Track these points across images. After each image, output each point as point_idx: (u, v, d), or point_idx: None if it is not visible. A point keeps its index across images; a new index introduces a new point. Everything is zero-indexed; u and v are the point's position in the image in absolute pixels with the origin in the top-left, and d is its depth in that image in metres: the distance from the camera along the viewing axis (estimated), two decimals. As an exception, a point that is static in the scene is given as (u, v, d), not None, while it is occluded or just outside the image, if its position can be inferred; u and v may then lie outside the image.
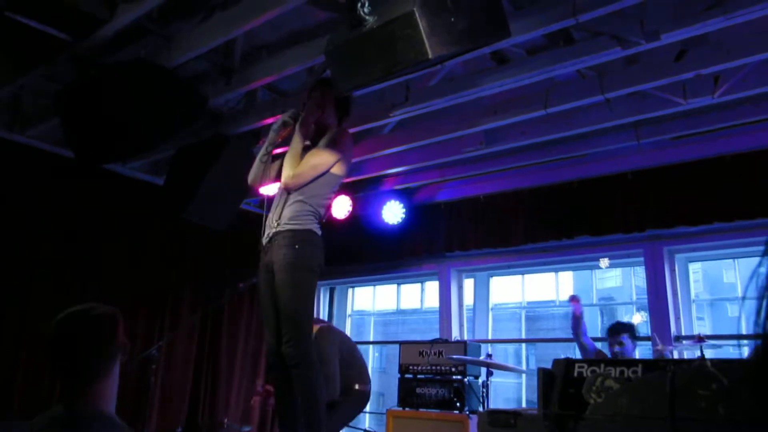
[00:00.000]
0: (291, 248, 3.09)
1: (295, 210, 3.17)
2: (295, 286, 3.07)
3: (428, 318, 12.52)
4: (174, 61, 3.98)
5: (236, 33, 3.76)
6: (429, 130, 5.06)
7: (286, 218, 3.17)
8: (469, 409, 4.84)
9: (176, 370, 5.97)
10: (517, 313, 13.01)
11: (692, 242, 5.40)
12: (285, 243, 3.11)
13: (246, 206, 6.40)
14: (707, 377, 1.73)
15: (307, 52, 3.91)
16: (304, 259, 3.10)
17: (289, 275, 3.07)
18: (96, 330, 1.78)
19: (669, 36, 3.41)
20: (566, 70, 3.94)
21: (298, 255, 3.09)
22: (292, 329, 3.03)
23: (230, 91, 4.44)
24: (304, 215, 3.18)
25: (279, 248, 3.12)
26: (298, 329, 3.05)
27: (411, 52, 2.50)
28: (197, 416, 6.02)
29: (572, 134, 4.93)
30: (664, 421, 1.78)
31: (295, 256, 3.08)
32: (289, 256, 3.08)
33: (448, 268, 6.71)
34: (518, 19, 3.38)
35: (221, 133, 4.89)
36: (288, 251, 3.09)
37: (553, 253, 6.12)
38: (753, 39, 3.57)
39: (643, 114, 4.50)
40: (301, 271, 3.10)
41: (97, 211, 5.47)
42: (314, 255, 3.15)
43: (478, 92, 4.18)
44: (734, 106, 4.44)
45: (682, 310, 5.38)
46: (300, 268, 3.09)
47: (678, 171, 5.16)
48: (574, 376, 2.08)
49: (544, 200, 5.86)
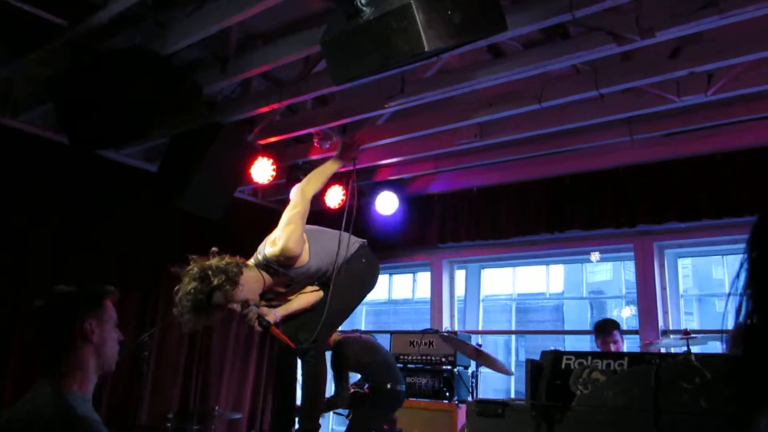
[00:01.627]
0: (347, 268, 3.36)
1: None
2: (341, 296, 3.29)
3: (419, 308, 12.59)
4: (168, 49, 3.96)
5: (231, 21, 3.75)
6: (424, 121, 5.07)
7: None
8: (458, 398, 4.90)
9: (168, 357, 5.98)
10: (508, 304, 13.11)
11: (681, 238, 5.45)
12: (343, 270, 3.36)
13: (240, 194, 6.40)
14: (691, 371, 1.77)
15: (303, 42, 3.91)
16: (355, 276, 3.39)
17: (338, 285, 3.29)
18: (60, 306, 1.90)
19: (664, 33, 3.43)
20: (561, 64, 3.96)
21: (352, 273, 3.37)
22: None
23: (225, 79, 4.43)
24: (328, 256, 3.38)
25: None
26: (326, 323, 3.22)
27: (407, 45, 2.51)
28: (188, 403, 6.05)
29: (566, 129, 4.95)
30: (649, 413, 1.82)
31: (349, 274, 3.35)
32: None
33: (440, 259, 6.75)
34: (515, 12, 3.38)
35: (216, 122, 4.88)
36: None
37: (544, 247, 6.17)
38: (746, 39, 3.60)
39: (637, 110, 4.53)
40: (351, 284, 3.37)
41: (90, 197, 5.45)
42: (366, 271, 3.52)
43: (473, 85, 4.19)
44: (726, 104, 4.47)
45: (670, 304, 5.44)
46: (351, 281, 3.37)
47: (669, 167, 5.20)
48: (562, 368, 2.11)
49: (536, 194, 5.89)
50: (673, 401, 1.80)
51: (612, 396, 1.91)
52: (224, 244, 6.31)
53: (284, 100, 4.55)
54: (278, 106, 4.67)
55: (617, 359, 2.03)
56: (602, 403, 1.93)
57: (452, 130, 5.19)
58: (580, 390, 2.00)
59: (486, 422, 2.14)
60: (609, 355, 2.10)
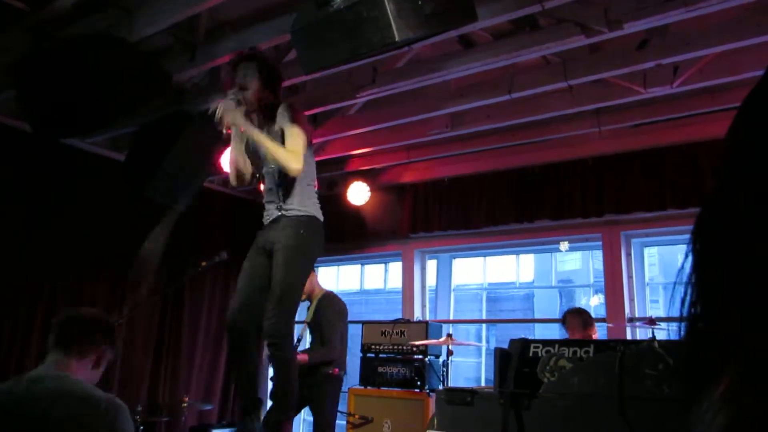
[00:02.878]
0: (296, 232, 3.19)
1: (300, 194, 3.25)
2: (293, 269, 3.17)
3: (391, 298, 12.62)
4: (135, 35, 3.89)
5: (201, 8, 3.69)
6: (395, 111, 5.07)
7: (293, 203, 3.24)
8: (429, 387, 4.93)
9: (136, 349, 5.91)
10: (479, 294, 13.23)
11: (648, 227, 5.55)
12: (291, 225, 3.20)
13: (209, 184, 6.34)
14: (654, 357, 1.81)
15: (273, 30, 3.87)
16: (305, 245, 3.23)
17: (289, 257, 3.15)
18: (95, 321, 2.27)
19: (631, 25, 3.48)
20: (531, 55, 3.99)
21: (302, 240, 3.20)
22: (278, 307, 3.10)
23: (194, 66, 4.37)
24: (309, 200, 3.29)
25: (283, 229, 3.21)
26: (284, 308, 3.13)
27: (378, 35, 2.51)
28: (158, 395, 5.99)
29: (536, 119, 5.00)
30: (613, 399, 1.86)
31: (299, 240, 3.18)
32: (292, 238, 3.17)
33: (411, 249, 6.77)
34: (486, 4, 3.39)
35: (184, 110, 4.81)
36: (293, 234, 3.18)
37: (514, 236, 6.22)
38: (711, 31, 3.67)
39: (605, 101, 4.60)
40: (301, 255, 3.21)
41: (54, 188, 5.33)
42: (315, 242, 3.30)
43: (444, 75, 4.20)
44: (692, 96, 4.56)
45: (636, 292, 5.54)
46: (301, 252, 3.21)
47: (636, 158, 5.28)
48: (530, 356, 2.14)
49: (506, 184, 5.94)
50: (637, 387, 1.84)
51: (578, 383, 1.95)
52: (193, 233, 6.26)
53: (254, 88, 4.50)
54: (248, 94, 4.61)
55: (583, 347, 2.07)
56: (568, 390, 1.96)
57: (424, 121, 5.20)
58: (547, 377, 2.03)
59: (455, 410, 2.17)
60: (575, 343, 2.14)
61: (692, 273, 0.37)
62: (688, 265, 0.37)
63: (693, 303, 0.36)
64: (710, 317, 0.35)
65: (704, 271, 0.36)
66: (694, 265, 0.37)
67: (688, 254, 0.38)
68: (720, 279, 0.35)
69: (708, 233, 0.37)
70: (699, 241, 0.37)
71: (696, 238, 0.37)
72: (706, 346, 0.35)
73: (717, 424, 0.31)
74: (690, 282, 0.37)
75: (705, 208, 0.37)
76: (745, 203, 0.35)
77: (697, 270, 0.36)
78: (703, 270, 0.36)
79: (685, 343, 0.37)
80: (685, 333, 0.37)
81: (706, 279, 0.36)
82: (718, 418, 0.31)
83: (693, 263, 0.37)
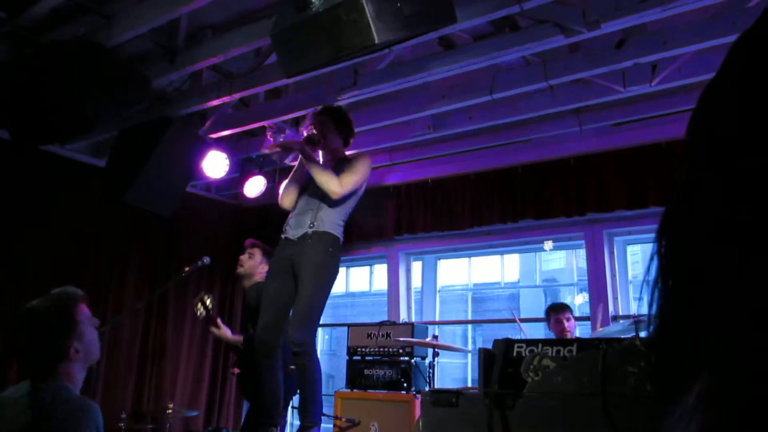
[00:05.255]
0: (325, 250, 3.43)
1: (332, 217, 3.51)
2: (320, 284, 3.42)
3: (377, 300, 12.62)
4: (114, 40, 3.86)
5: (180, 12, 3.67)
6: (378, 113, 5.07)
7: (324, 222, 3.47)
8: (415, 389, 4.93)
9: (120, 356, 5.85)
10: (464, 295, 13.26)
11: (630, 225, 5.59)
12: (321, 242, 3.44)
13: (192, 189, 6.29)
14: (637, 355, 1.82)
15: (253, 34, 3.85)
16: (332, 263, 3.48)
17: (318, 274, 3.40)
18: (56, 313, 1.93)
19: (609, 25, 3.51)
20: (511, 56, 4.01)
21: (330, 258, 3.45)
22: (306, 320, 3.36)
23: (174, 71, 4.34)
24: (339, 224, 3.54)
25: (312, 246, 3.42)
26: (311, 321, 3.41)
27: (357, 37, 2.51)
28: (142, 402, 5.94)
29: (517, 120, 5.03)
30: (597, 397, 1.87)
31: (327, 257, 3.43)
32: (321, 256, 3.41)
33: (396, 251, 6.77)
34: (465, 5, 3.41)
35: (165, 115, 4.78)
36: (322, 250, 3.42)
37: (498, 236, 6.25)
38: (688, 30, 3.71)
39: (585, 101, 4.63)
40: (328, 272, 3.46)
41: (34, 195, 5.27)
42: (337, 262, 3.55)
43: (425, 77, 4.21)
44: (670, 94, 4.61)
45: (620, 290, 5.59)
46: (328, 270, 3.46)
47: (617, 157, 5.32)
48: (513, 356, 2.15)
49: (489, 184, 5.96)
50: (619, 385, 1.85)
51: (561, 382, 1.96)
52: (177, 239, 6.22)
53: (235, 92, 4.49)
54: (229, 99, 4.60)
55: (566, 346, 2.08)
56: (552, 389, 1.97)
57: (406, 122, 5.21)
58: (531, 377, 2.04)
59: (440, 412, 2.17)
60: (559, 342, 2.15)
61: (658, 273, 0.37)
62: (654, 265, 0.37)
63: (660, 304, 0.36)
64: (677, 318, 0.35)
65: (670, 271, 0.36)
66: (659, 265, 0.37)
67: (654, 254, 0.38)
68: (686, 278, 0.35)
69: (673, 232, 0.37)
70: (664, 240, 0.37)
71: (661, 237, 0.37)
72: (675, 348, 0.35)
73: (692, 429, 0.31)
74: (656, 282, 0.37)
75: (669, 207, 0.37)
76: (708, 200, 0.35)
77: (663, 270, 0.36)
78: (668, 269, 0.36)
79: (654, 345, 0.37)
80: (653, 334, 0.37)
81: (672, 279, 0.36)
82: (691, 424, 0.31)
83: (658, 263, 0.37)
